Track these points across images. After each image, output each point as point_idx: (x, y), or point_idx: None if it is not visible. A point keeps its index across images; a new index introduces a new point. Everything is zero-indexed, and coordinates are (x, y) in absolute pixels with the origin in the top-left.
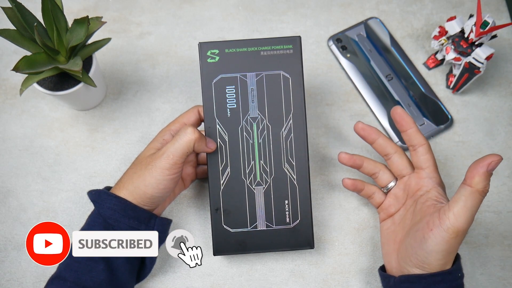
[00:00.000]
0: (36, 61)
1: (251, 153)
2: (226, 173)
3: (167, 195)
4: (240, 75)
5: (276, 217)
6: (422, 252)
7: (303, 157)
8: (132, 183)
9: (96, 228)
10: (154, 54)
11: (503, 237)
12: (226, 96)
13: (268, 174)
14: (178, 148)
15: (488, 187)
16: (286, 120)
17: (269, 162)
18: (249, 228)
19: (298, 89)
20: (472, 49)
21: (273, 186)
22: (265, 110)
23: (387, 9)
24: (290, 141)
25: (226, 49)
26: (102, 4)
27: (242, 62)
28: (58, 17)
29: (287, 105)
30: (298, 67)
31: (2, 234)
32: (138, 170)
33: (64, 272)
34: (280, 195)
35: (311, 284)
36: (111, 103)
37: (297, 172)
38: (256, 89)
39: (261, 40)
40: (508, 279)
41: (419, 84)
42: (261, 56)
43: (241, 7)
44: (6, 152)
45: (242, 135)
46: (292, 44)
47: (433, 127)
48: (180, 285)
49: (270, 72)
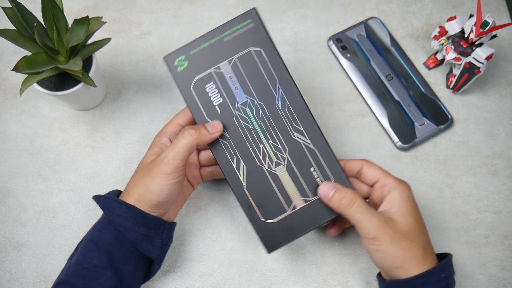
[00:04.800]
0: (36, 61)
1: (256, 138)
2: (241, 168)
3: (173, 199)
4: (213, 69)
5: (309, 188)
6: (378, 265)
7: (308, 117)
8: (137, 191)
9: (106, 236)
10: (154, 54)
11: (503, 237)
12: (209, 95)
13: (282, 150)
14: (178, 152)
15: (345, 199)
16: (276, 91)
17: (277, 138)
18: (289, 211)
19: (274, 56)
20: (472, 49)
21: (292, 159)
22: (251, 91)
23: (387, 9)
24: (288, 109)
25: (191, 51)
26: (102, 4)
27: (210, 57)
28: (58, 17)
29: (270, 77)
30: (264, 36)
31: (2, 234)
32: (141, 178)
33: (72, 278)
34: (303, 165)
35: (311, 284)
36: (111, 103)
37: (308, 135)
38: (234, 75)
39: (219, 28)
40: (508, 279)
41: (419, 84)
42: (225, 42)
43: (241, 7)
44: (6, 152)
45: (240, 124)
46: (251, 18)
47: (433, 127)
48: (180, 285)
49: (240, 53)
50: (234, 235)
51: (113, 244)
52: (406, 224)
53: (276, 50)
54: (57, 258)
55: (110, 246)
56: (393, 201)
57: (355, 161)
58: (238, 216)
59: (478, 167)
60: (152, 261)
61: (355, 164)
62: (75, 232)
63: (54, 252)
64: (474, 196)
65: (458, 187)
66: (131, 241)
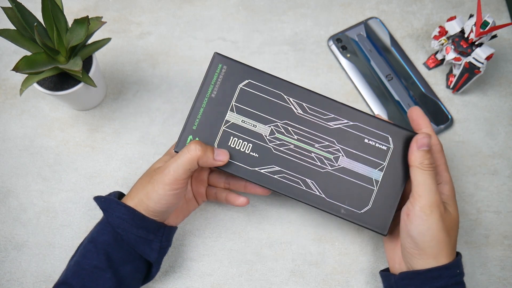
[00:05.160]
0: (36, 61)
1: (303, 152)
2: (311, 184)
3: (171, 210)
4: (223, 127)
5: (375, 157)
6: (409, 239)
7: (328, 103)
8: (137, 195)
9: (105, 237)
10: (154, 54)
11: (503, 237)
12: (237, 148)
13: (332, 145)
14: (179, 164)
15: (428, 161)
16: (289, 103)
17: (320, 138)
18: (375, 187)
19: (264, 77)
20: (472, 49)
21: (344, 145)
22: (268, 118)
23: (387, 9)
24: (310, 109)
25: (193, 126)
26: (102, 4)
27: (213, 118)
28: (58, 17)
29: (275, 95)
30: (243, 68)
31: (2, 234)
32: (144, 182)
33: (71, 279)
34: (357, 143)
35: (311, 284)
36: (111, 103)
37: (341, 116)
38: (244, 117)
39: (200, 93)
40: (508, 279)
41: (419, 84)
42: (215, 98)
43: (241, 7)
44: (6, 152)
45: (281, 151)
46: (220, 63)
47: (433, 127)
48: (180, 285)
49: (235, 96)
50: (234, 235)
51: (112, 245)
52: (453, 215)
53: (262, 71)
54: (57, 258)
55: (109, 247)
56: (443, 193)
57: (434, 137)
58: (238, 216)
59: (478, 167)
60: (151, 263)
61: (432, 139)
62: (75, 232)
63: (54, 252)
64: (474, 196)
65: (458, 187)
66: (129, 243)
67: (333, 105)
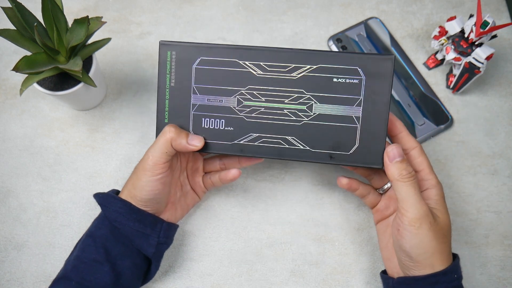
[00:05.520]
0: (36, 61)
1: (275, 111)
2: (292, 140)
3: (159, 198)
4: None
5: (350, 93)
6: (403, 253)
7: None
8: (126, 187)
9: (103, 231)
10: (154, 54)
11: (503, 237)
12: (212, 127)
13: (301, 94)
14: (156, 148)
15: (405, 171)
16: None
17: (287, 91)
18: (359, 124)
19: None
20: (472, 49)
21: (316, 92)
22: (228, 90)
23: (387, 9)
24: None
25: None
26: (102, 4)
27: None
28: (58, 17)
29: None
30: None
31: (2, 234)
32: (132, 175)
33: (70, 273)
34: (326, 85)
35: (311, 284)
36: (111, 103)
37: (307, 62)
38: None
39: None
40: (508, 279)
41: (419, 84)
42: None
43: (241, 7)
44: (6, 152)
45: (254, 116)
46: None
47: (433, 127)
48: (180, 285)
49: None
50: (234, 235)
51: (109, 239)
52: (443, 220)
53: (209, 44)
54: (57, 258)
55: (107, 241)
56: (431, 198)
57: (411, 140)
58: (238, 216)
59: (478, 167)
60: (150, 260)
61: (409, 142)
62: (75, 232)
63: (54, 252)
64: (474, 196)
65: (458, 187)
66: (127, 237)
67: (290, 55)
